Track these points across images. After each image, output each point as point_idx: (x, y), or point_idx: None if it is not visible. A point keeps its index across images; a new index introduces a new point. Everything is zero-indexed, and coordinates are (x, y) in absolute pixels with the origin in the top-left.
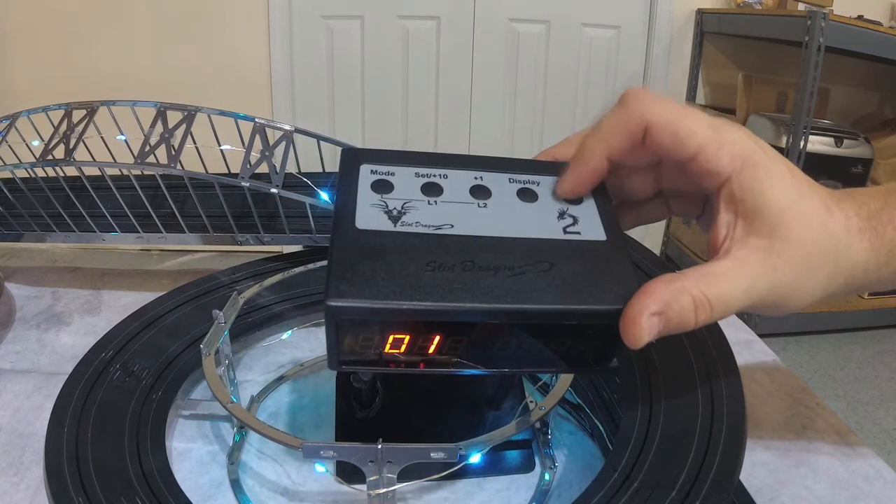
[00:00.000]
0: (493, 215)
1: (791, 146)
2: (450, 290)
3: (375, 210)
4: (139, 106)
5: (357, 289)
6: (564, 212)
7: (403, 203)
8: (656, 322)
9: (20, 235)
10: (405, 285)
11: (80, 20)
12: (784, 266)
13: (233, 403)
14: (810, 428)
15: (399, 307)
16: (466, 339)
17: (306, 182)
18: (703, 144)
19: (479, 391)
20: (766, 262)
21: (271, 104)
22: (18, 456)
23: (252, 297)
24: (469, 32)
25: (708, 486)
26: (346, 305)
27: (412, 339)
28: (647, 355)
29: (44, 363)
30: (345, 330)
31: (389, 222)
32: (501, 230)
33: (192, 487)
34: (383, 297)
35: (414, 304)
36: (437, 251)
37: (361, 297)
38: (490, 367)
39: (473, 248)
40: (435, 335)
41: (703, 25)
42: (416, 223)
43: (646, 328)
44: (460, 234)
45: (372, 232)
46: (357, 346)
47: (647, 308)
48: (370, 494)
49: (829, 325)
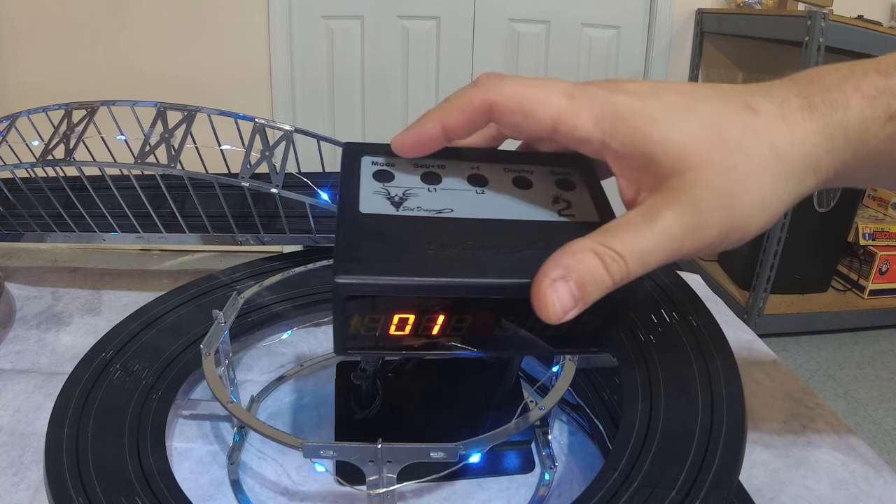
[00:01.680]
0: (490, 200)
1: None
2: (452, 266)
3: (378, 196)
4: (139, 106)
5: (363, 266)
6: (558, 197)
7: (404, 190)
8: (563, 288)
9: (20, 235)
10: (410, 262)
11: (81, 20)
12: (706, 196)
13: (233, 403)
14: (810, 428)
15: (404, 282)
16: (470, 319)
17: (306, 182)
18: (559, 114)
19: (478, 392)
20: (681, 201)
21: (271, 104)
22: (18, 456)
23: (252, 296)
24: (469, 32)
25: (708, 486)
26: (354, 282)
27: (416, 319)
28: (647, 355)
29: (44, 363)
30: (351, 308)
31: (392, 207)
32: (499, 213)
33: (192, 487)
34: (389, 273)
35: (419, 279)
36: (439, 232)
37: (368, 274)
38: (493, 349)
39: (473, 230)
40: (438, 314)
41: (703, 25)
42: (418, 208)
43: (552, 296)
44: (460, 217)
45: (375, 216)
46: (363, 327)
47: (547, 275)
48: (370, 494)
49: (829, 325)
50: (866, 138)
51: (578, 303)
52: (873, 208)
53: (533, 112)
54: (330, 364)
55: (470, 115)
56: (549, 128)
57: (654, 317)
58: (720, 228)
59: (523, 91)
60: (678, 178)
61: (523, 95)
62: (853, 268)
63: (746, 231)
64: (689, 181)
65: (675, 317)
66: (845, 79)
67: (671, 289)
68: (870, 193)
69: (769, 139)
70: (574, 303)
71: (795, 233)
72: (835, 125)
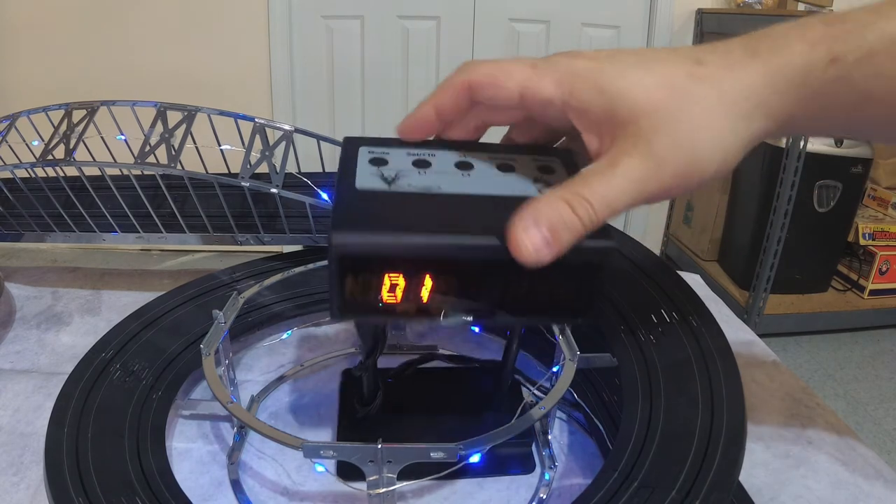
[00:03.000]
0: (475, 181)
1: (791, 146)
2: (441, 227)
3: (372, 176)
4: (139, 106)
5: (358, 227)
6: (539, 178)
7: (397, 172)
8: (535, 233)
9: (20, 235)
10: (400, 224)
11: (81, 20)
12: (661, 140)
13: (233, 403)
14: (810, 428)
15: (395, 240)
16: (456, 281)
17: (306, 182)
18: (524, 81)
19: (477, 396)
20: (638, 146)
21: (271, 104)
22: (18, 456)
23: (252, 296)
24: (469, 32)
25: (708, 486)
26: (350, 241)
27: (406, 282)
28: (647, 355)
29: (44, 363)
30: (346, 267)
31: (385, 184)
32: (483, 191)
33: (192, 487)
34: (381, 232)
35: (409, 236)
36: (428, 204)
37: (363, 232)
38: (480, 315)
39: (460, 202)
40: (426, 275)
41: (703, 25)
42: (409, 185)
43: (525, 240)
44: (447, 192)
45: (369, 190)
46: (357, 290)
47: (521, 220)
48: (370, 494)
49: (829, 325)
50: (808, 81)
51: (553, 246)
52: (873, 208)
53: (503, 83)
54: (330, 364)
55: (454, 95)
56: (516, 96)
57: (654, 317)
58: (676, 170)
59: (494, 67)
60: (634, 125)
61: (493, 69)
62: (853, 268)
63: (703, 173)
64: (645, 127)
65: (675, 317)
66: (791, 28)
67: (671, 289)
68: (870, 193)
69: (716, 86)
70: (547, 246)
71: (795, 233)
72: (777, 68)
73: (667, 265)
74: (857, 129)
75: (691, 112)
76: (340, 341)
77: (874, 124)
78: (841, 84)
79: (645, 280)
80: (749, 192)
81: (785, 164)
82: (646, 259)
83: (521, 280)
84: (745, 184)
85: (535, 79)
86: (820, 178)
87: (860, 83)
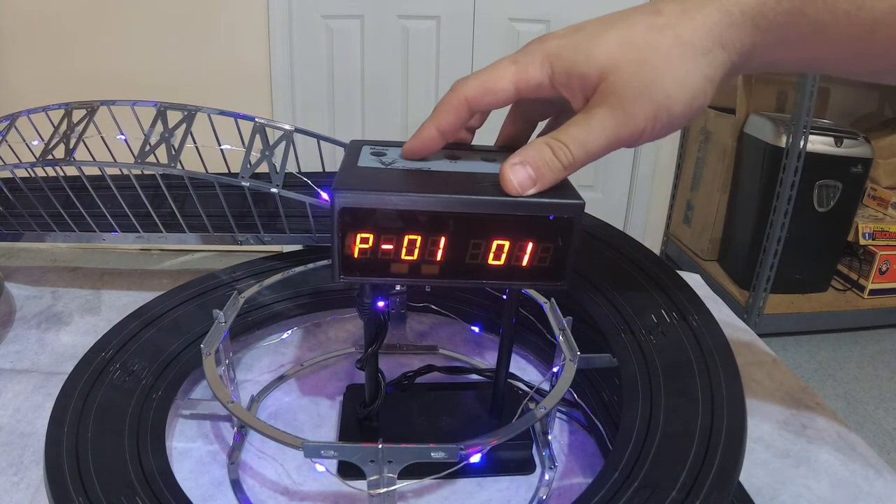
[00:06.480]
0: (462, 165)
1: (791, 146)
2: (431, 187)
3: (372, 159)
4: (139, 106)
5: (357, 187)
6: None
7: (394, 160)
8: (521, 169)
9: (20, 235)
10: (396, 185)
11: (80, 20)
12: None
13: (233, 403)
14: (810, 428)
15: (391, 196)
16: (445, 241)
17: (306, 182)
18: (514, 77)
19: (476, 399)
20: (608, 98)
21: (271, 104)
22: (18, 456)
23: (252, 296)
24: (469, 32)
25: (708, 486)
26: (349, 196)
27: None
28: (647, 355)
29: (44, 363)
30: (346, 224)
31: (382, 165)
32: (468, 170)
33: (192, 487)
34: (379, 190)
35: (404, 194)
36: (419, 175)
37: (361, 190)
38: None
39: (448, 176)
40: (418, 234)
41: None
42: (403, 166)
43: (512, 176)
44: (436, 170)
45: (369, 167)
46: (356, 249)
47: (510, 161)
48: (371, 494)
49: (829, 325)
50: (764, 12)
51: (537, 182)
52: (873, 208)
53: (496, 87)
54: (330, 364)
55: (454, 114)
56: (513, 91)
57: (654, 317)
58: (645, 112)
59: (483, 77)
60: (604, 82)
61: (483, 81)
62: (853, 267)
63: (672, 110)
64: (613, 82)
65: (675, 317)
66: None
67: (671, 289)
68: (870, 193)
69: (673, 31)
70: (532, 182)
71: (795, 232)
72: (733, 3)
73: (667, 265)
74: (815, 62)
75: (651, 59)
76: (340, 341)
77: (830, 58)
78: (795, 16)
79: (645, 280)
80: (749, 192)
81: (785, 164)
82: (646, 259)
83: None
84: (746, 183)
85: (521, 72)
86: (820, 178)
87: (812, 14)
